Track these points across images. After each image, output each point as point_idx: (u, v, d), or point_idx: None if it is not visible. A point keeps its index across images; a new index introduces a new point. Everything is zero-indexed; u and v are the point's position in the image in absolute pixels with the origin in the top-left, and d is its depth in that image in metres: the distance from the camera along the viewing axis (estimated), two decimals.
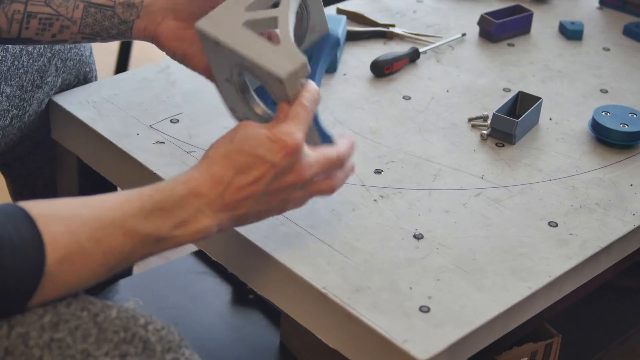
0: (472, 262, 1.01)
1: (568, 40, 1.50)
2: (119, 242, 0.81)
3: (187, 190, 0.85)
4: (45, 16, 1.07)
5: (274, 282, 1.01)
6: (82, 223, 0.80)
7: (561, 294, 1.03)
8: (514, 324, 0.99)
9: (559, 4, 1.62)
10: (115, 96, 1.25)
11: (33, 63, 1.19)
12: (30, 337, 0.77)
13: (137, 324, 0.80)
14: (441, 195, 1.11)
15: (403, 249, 1.02)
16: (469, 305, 0.95)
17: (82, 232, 0.79)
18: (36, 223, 0.77)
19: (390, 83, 1.34)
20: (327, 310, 0.95)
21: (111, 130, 1.18)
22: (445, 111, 1.28)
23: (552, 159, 1.19)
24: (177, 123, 1.20)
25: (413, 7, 1.56)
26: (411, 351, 0.89)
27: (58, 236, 0.78)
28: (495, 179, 1.15)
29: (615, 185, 1.15)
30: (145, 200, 0.83)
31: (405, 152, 1.18)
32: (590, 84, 1.38)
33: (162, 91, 1.27)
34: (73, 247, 0.78)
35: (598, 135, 1.23)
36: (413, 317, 0.93)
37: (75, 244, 0.79)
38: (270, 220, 1.04)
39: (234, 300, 1.48)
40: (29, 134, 1.25)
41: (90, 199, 0.83)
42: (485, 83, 1.36)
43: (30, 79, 1.19)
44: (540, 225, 1.07)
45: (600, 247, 1.05)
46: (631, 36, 1.52)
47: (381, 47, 1.43)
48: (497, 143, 1.22)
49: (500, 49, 1.46)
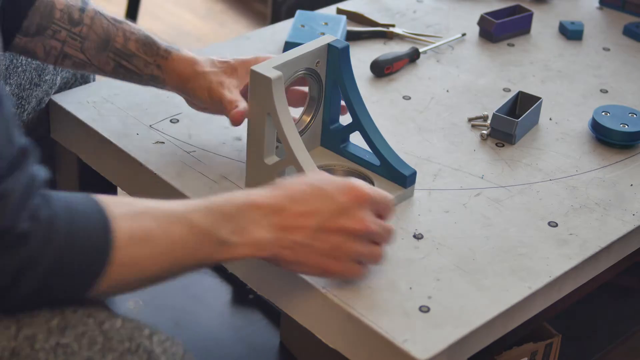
0: (472, 262, 1.01)
1: (568, 40, 1.50)
2: (182, 233, 0.83)
3: (245, 199, 0.87)
4: (79, 61, 1.12)
5: (274, 282, 1.00)
6: (146, 210, 0.82)
7: (561, 294, 1.03)
8: (514, 324, 0.99)
9: (559, 4, 1.62)
10: (115, 96, 1.25)
11: (31, 62, 1.20)
12: (36, 339, 0.77)
13: (142, 335, 0.81)
14: (441, 195, 1.11)
15: (403, 249, 1.02)
16: (469, 305, 0.95)
17: (145, 217, 0.81)
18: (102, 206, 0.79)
19: (390, 83, 1.34)
20: (327, 310, 0.95)
21: (111, 130, 1.18)
22: (445, 111, 1.28)
23: (552, 159, 1.19)
24: (177, 123, 1.20)
25: (413, 7, 1.56)
26: (411, 351, 0.89)
27: (123, 218, 0.80)
28: (495, 179, 1.15)
29: (615, 185, 1.15)
30: (206, 202, 0.86)
31: (405, 152, 1.18)
32: (590, 84, 1.38)
33: (162, 91, 1.27)
34: (136, 229, 0.80)
35: (598, 135, 1.23)
36: (413, 317, 0.93)
37: (138, 227, 0.81)
38: None
39: (234, 300, 1.48)
40: (27, 132, 1.25)
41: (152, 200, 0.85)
42: (485, 83, 1.36)
43: (29, 77, 1.20)
44: (540, 225, 1.07)
45: (600, 247, 1.05)
46: (631, 36, 1.52)
47: (381, 47, 1.43)
48: (497, 143, 1.22)
49: (500, 49, 1.46)
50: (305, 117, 1.12)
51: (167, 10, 2.78)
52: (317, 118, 1.12)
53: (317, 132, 1.14)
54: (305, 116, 1.12)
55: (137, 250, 0.80)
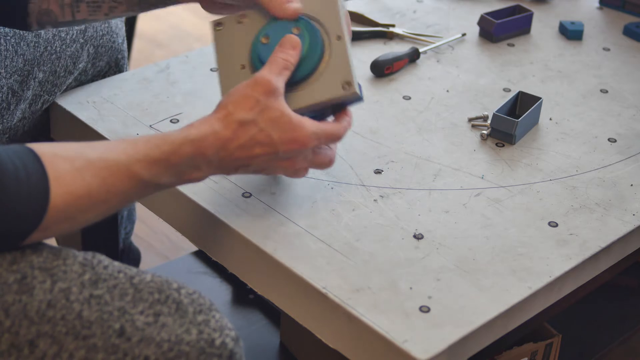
0: (472, 262, 1.01)
1: (568, 40, 1.50)
2: (122, 183, 0.86)
3: (194, 150, 0.91)
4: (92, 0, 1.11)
5: (274, 282, 1.01)
6: (88, 162, 0.84)
7: (561, 294, 1.03)
8: (514, 324, 0.99)
9: (559, 4, 1.62)
10: (115, 96, 1.25)
11: (66, 49, 1.21)
12: (71, 292, 0.82)
13: (171, 287, 0.86)
14: (441, 195, 1.11)
15: (403, 249, 1.02)
16: (469, 305, 0.95)
17: (87, 170, 0.84)
18: (41, 159, 0.81)
19: (390, 83, 1.34)
20: (327, 310, 0.95)
21: (111, 130, 1.18)
22: (445, 111, 1.28)
23: (552, 159, 1.19)
24: (177, 123, 1.20)
25: (413, 7, 1.56)
26: (411, 351, 0.89)
27: (63, 172, 0.82)
28: (495, 179, 1.15)
29: (615, 185, 1.15)
30: (151, 149, 0.88)
31: (405, 152, 1.18)
32: (590, 84, 1.38)
33: (162, 91, 1.27)
34: (77, 183, 0.83)
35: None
36: (413, 317, 0.93)
37: (80, 180, 0.83)
38: (270, 220, 1.04)
39: (234, 300, 1.48)
40: (27, 132, 1.25)
41: (95, 143, 0.87)
42: (485, 83, 1.36)
43: (64, 65, 1.22)
44: (540, 225, 1.07)
45: (600, 247, 1.05)
46: (631, 36, 1.52)
47: (381, 47, 1.44)
48: (497, 143, 1.22)
49: (500, 49, 1.46)
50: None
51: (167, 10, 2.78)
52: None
53: None
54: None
55: (74, 208, 0.83)
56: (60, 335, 0.80)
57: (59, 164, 0.82)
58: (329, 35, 1.04)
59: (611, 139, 1.24)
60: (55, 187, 0.81)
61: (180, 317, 0.84)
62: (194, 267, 1.54)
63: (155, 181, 0.89)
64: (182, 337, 0.82)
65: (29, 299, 0.80)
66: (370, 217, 1.06)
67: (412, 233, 1.04)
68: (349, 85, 1.02)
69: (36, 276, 0.82)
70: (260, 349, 1.38)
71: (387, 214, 1.07)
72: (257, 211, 1.05)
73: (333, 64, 1.03)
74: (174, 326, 0.83)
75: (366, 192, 1.10)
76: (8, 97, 1.16)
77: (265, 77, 0.95)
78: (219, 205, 1.06)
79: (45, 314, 0.80)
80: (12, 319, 0.80)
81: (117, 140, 0.90)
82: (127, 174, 0.86)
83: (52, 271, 0.83)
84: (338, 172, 1.13)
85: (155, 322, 0.83)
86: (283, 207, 1.06)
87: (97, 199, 0.85)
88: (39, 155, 0.82)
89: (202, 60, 1.36)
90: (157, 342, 0.82)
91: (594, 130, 1.26)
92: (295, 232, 1.03)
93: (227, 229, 1.03)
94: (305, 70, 1.02)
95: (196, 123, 0.93)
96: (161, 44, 2.58)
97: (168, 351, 0.81)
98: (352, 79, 1.02)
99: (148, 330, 0.82)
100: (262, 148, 0.94)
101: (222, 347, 0.84)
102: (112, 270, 0.85)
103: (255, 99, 0.94)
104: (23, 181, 0.80)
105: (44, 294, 0.81)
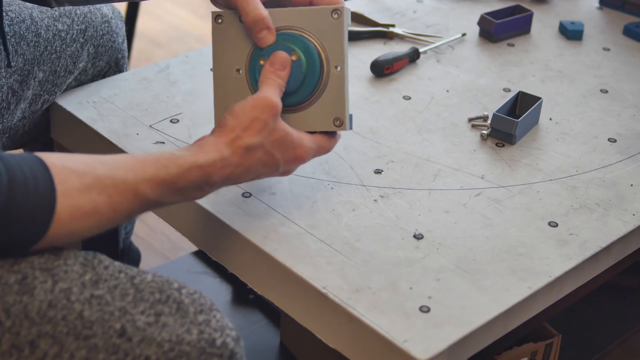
0: (472, 262, 1.01)
1: (568, 40, 1.50)
2: (128, 201, 0.87)
3: (201, 175, 0.91)
4: None
5: (274, 282, 1.01)
6: (96, 179, 0.85)
7: (561, 294, 1.03)
8: (514, 324, 0.99)
9: (559, 4, 1.62)
10: (115, 96, 1.25)
11: (66, 48, 1.21)
12: (72, 292, 0.82)
13: (172, 287, 0.86)
14: (441, 195, 1.11)
15: (403, 249, 1.02)
16: (469, 305, 0.95)
17: (94, 187, 0.84)
18: (50, 170, 0.82)
19: (390, 83, 1.34)
20: (327, 310, 0.95)
21: (111, 130, 1.18)
22: (445, 111, 1.28)
23: (552, 159, 1.19)
24: (177, 123, 1.21)
25: (413, 7, 1.56)
26: (411, 351, 0.89)
27: (71, 187, 0.82)
28: (495, 179, 1.15)
29: (615, 185, 1.15)
30: (159, 169, 0.89)
31: (405, 152, 1.18)
32: (590, 84, 1.38)
33: (162, 91, 1.28)
34: (84, 200, 0.83)
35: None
36: (413, 317, 0.93)
37: (87, 197, 0.83)
38: (270, 220, 1.04)
39: (234, 300, 1.48)
40: (28, 132, 1.25)
41: (105, 158, 0.88)
42: (485, 83, 1.36)
43: (64, 65, 1.22)
44: (540, 225, 1.07)
45: (600, 247, 1.05)
46: (631, 36, 1.52)
47: (381, 47, 1.44)
48: (497, 143, 1.22)
49: (500, 49, 1.46)
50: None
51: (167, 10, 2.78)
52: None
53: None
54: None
55: (78, 222, 0.84)
56: (61, 335, 0.80)
57: (68, 178, 0.83)
58: (328, 62, 1.03)
59: (611, 139, 1.24)
60: (62, 200, 0.82)
61: (181, 317, 0.84)
62: (194, 267, 1.54)
63: (160, 201, 0.90)
64: (183, 337, 0.83)
65: (29, 300, 0.80)
66: (370, 217, 1.06)
67: (412, 233, 1.04)
68: (341, 122, 1.03)
69: (37, 276, 0.82)
70: (260, 349, 1.38)
71: (387, 214, 1.07)
72: (257, 211, 1.05)
73: (328, 96, 1.03)
74: (174, 326, 0.83)
75: (366, 192, 1.10)
76: (8, 97, 1.16)
77: (273, 100, 0.96)
78: (219, 205, 1.06)
79: (46, 314, 0.80)
80: (13, 320, 0.80)
81: (126, 155, 0.90)
82: (134, 193, 0.87)
83: (53, 271, 0.83)
84: (338, 172, 1.13)
85: (156, 322, 0.83)
86: (283, 207, 1.06)
87: (102, 215, 0.85)
88: (48, 166, 0.82)
89: (202, 60, 1.36)
90: (158, 342, 0.82)
91: (594, 130, 1.26)
92: (295, 232, 1.03)
93: (227, 229, 1.04)
94: (299, 98, 1.03)
95: (206, 147, 0.93)
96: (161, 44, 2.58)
97: (169, 351, 0.82)
98: (344, 116, 1.03)
99: (149, 330, 0.82)
100: (266, 168, 0.97)
101: (223, 347, 0.84)
102: (113, 271, 0.85)
103: (264, 121, 0.95)
104: (31, 190, 0.80)
105: (44, 294, 0.81)
